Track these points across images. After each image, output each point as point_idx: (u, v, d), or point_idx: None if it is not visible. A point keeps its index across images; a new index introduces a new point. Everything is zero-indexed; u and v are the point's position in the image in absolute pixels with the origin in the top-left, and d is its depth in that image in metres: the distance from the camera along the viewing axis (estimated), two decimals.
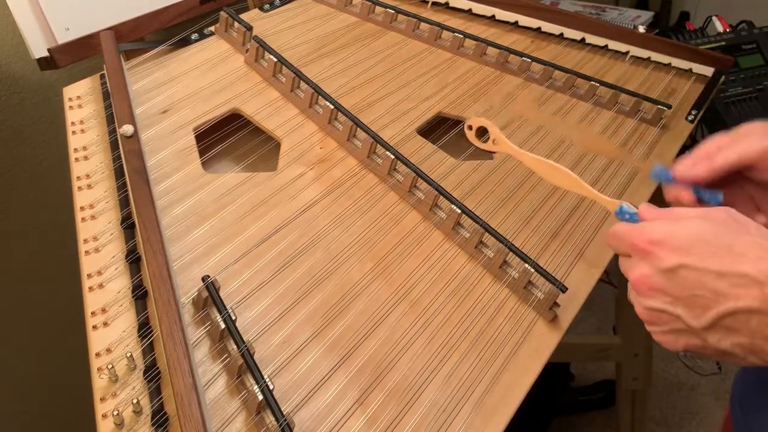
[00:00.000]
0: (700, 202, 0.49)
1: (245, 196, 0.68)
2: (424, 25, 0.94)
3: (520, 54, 0.90)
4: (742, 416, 0.64)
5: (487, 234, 0.64)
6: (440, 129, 0.81)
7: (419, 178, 0.68)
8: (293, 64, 0.79)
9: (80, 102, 0.78)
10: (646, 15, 1.36)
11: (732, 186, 0.51)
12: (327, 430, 0.50)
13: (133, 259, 0.59)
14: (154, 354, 0.52)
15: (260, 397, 0.48)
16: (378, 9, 0.97)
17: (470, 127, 0.61)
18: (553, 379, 1.50)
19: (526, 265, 0.60)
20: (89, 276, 0.58)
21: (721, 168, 0.49)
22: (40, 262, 1.09)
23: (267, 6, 0.98)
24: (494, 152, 0.61)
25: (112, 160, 0.70)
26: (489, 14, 1.01)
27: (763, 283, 0.39)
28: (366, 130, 0.72)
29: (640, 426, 1.32)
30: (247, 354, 0.50)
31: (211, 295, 0.55)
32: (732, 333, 0.41)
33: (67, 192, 0.67)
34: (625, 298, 0.47)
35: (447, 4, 1.02)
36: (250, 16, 0.96)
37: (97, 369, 0.51)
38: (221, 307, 0.53)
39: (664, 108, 0.86)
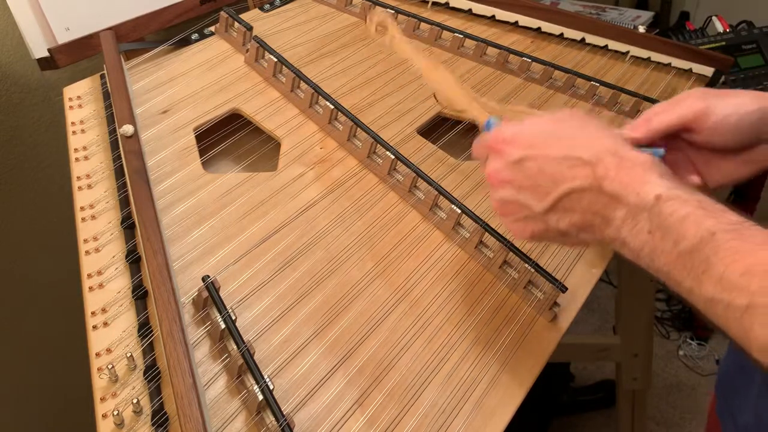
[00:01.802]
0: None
1: (245, 196, 0.68)
2: (424, 25, 0.94)
3: (520, 54, 0.90)
4: (724, 400, 0.64)
5: (487, 234, 0.64)
6: (440, 129, 0.81)
7: (419, 178, 0.68)
8: (293, 64, 0.79)
9: (80, 102, 0.78)
10: (646, 15, 1.36)
11: (673, 151, 0.53)
12: (327, 431, 0.50)
13: (133, 259, 0.59)
14: (154, 354, 0.52)
15: (260, 397, 0.48)
16: (378, 9, 0.97)
17: (371, 20, 0.63)
18: (553, 379, 1.50)
19: (526, 265, 0.60)
20: (89, 276, 0.58)
21: (658, 129, 0.51)
22: (39, 262, 1.09)
23: (267, 6, 0.98)
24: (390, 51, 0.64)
25: (112, 160, 0.70)
26: (489, 14, 1.01)
27: (594, 164, 0.43)
28: (366, 130, 0.72)
29: (640, 426, 1.32)
30: (247, 354, 0.50)
31: (211, 295, 0.55)
32: (568, 212, 0.45)
33: (67, 192, 0.67)
34: (625, 298, 0.48)
35: (447, 4, 1.02)
36: (250, 16, 0.96)
37: (97, 369, 0.51)
38: (221, 307, 0.53)
39: None
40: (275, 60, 0.81)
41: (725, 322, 0.37)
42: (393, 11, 0.95)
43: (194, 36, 0.89)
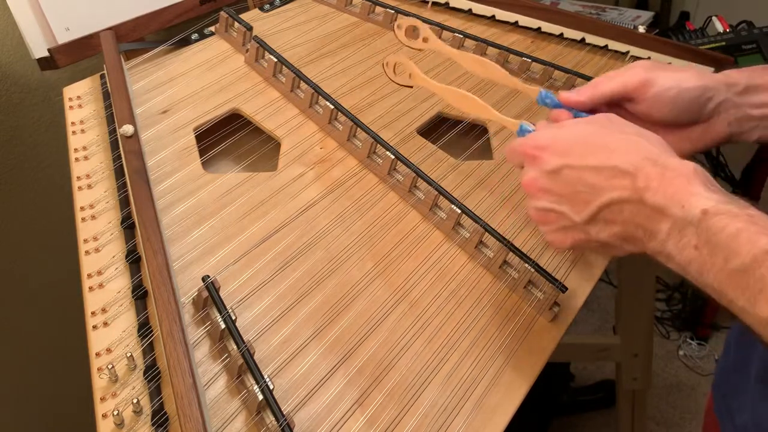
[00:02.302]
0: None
1: (245, 196, 0.68)
2: None
3: (520, 54, 0.90)
4: (722, 399, 0.65)
5: (487, 234, 0.64)
6: (440, 129, 0.81)
7: (419, 178, 0.68)
8: (293, 64, 0.79)
9: (80, 102, 0.78)
10: (646, 15, 1.36)
11: None
12: (327, 430, 0.50)
13: (133, 259, 0.59)
14: (154, 354, 0.52)
15: (260, 397, 0.48)
16: (378, 9, 0.97)
17: (387, 64, 0.64)
18: (553, 379, 1.50)
19: (526, 265, 0.60)
20: (89, 276, 0.58)
21: (602, 95, 0.52)
22: (39, 262, 1.09)
23: (267, 6, 0.98)
24: (411, 86, 0.65)
25: (112, 160, 0.70)
26: (489, 14, 1.01)
27: (633, 174, 0.42)
28: (366, 130, 0.72)
29: (640, 426, 1.32)
30: (247, 354, 0.50)
31: (211, 295, 0.55)
32: (609, 224, 0.44)
33: (67, 192, 0.68)
34: (625, 298, 0.48)
35: (447, 4, 1.02)
36: (250, 16, 0.96)
37: (97, 369, 0.51)
38: (221, 307, 0.53)
39: None
40: (275, 60, 0.81)
41: None
42: (393, 11, 0.95)
43: (194, 36, 0.89)
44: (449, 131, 0.80)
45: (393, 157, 0.70)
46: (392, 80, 0.65)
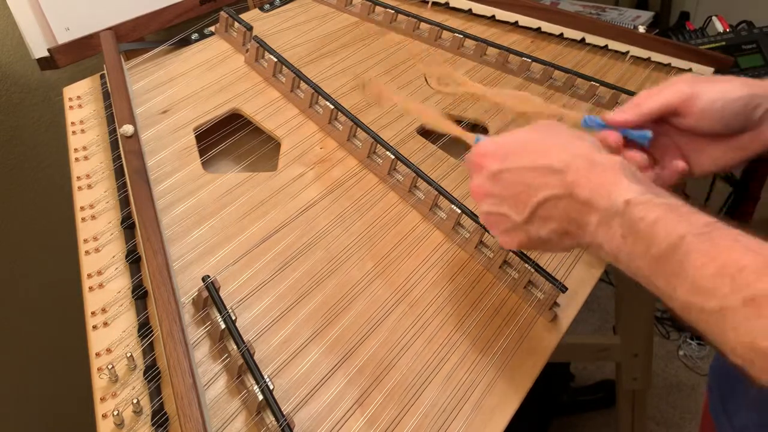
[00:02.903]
0: (627, 141, 0.53)
1: (245, 196, 0.68)
2: (424, 25, 0.94)
3: (520, 54, 0.90)
4: (718, 399, 0.65)
5: (487, 234, 0.64)
6: None
7: (419, 178, 0.68)
8: (293, 64, 0.79)
9: (80, 102, 0.78)
10: (646, 15, 1.36)
11: (660, 136, 0.54)
12: (327, 431, 0.50)
13: (133, 259, 0.59)
14: (154, 354, 0.52)
15: (260, 397, 0.48)
16: (378, 9, 0.97)
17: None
18: (553, 379, 1.50)
19: (526, 265, 0.60)
20: (89, 276, 0.58)
21: (647, 112, 0.52)
22: (39, 262, 1.09)
23: (267, 6, 0.98)
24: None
25: (112, 160, 0.70)
26: (489, 14, 1.01)
27: (563, 171, 0.44)
28: (366, 130, 0.72)
29: (640, 426, 1.32)
30: (247, 354, 0.50)
31: (211, 295, 0.55)
32: (546, 221, 0.46)
33: (67, 192, 0.67)
34: (625, 298, 0.49)
35: (447, 4, 1.02)
36: (250, 16, 0.96)
37: (97, 369, 0.51)
38: (221, 307, 0.53)
39: None
40: (275, 60, 0.81)
41: (701, 326, 0.37)
42: (393, 11, 0.95)
43: (194, 36, 0.89)
44: None
45: (393, 157, 0.70)
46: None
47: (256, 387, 0.49)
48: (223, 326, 0.52)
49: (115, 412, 0.47)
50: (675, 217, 0.38)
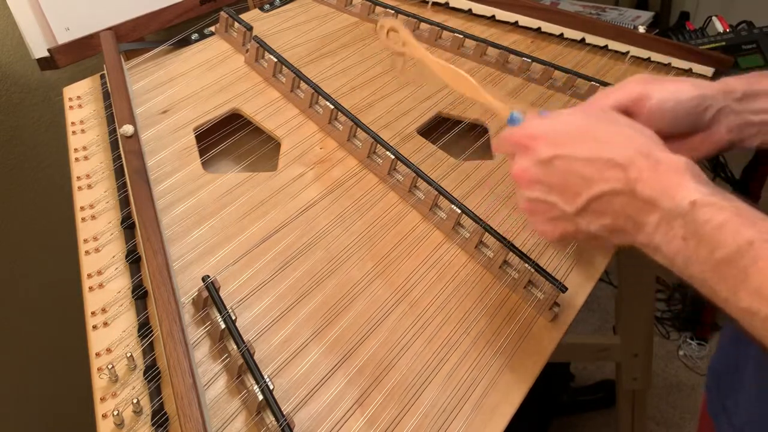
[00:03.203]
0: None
1: (245, 196, 0.68)
2: (424, 25, 0.94)
3: (520, 54, 0.90)
4: (717, 398, 0.65)
5: (487, 234, 0.64)
6: (440, 129, 0.81)
7: (419, 178, 0.68)
8: (293, 64, 0.79)
9: (80, 102, 0.78)
10: (646, 15, 1.36)
11: None
12: (327, 430, 0.50)
13: (133, 259, 0.59)
14: (154, 354, 0.52)
15: (260, 397, 0.48)
16: (378, 9, 0.97)
17: (381, 27, 0.62)
18: (553, 379, 1.50)
19: (526, 265, 0.60)
20: (89, 276, 0.58)
21: None
22: (39, 262, 1.09)
23: (267, 6, 0.98)
24: (402, 54, 0.62)
25: (112, 160, 0.70)
26: (489, 14, 1.01)
27: (625, 166, 0.42)
28: (366, 130, 0.72)
29: (640, 426, 1.32)
30: (247, 354, 0.50)
31: (211, 295, 0.55)
32: (599, 215, 0.44)
33: (67, 192, 0.67)
34: (625, 298, 0.48)
35: (447, 4, 1.02)
36: (250, 16, 0.96)
37: (97, 369, 0.51)
38: (221, 307, 0.53)
39: None
40: (275, 60, 0.81)
41: (761, 333, 0.36)
42: (393, 11, 0.95)
43: (194, 36, 0.89)
44: (449, 131, 0.80)
45: (393, 157, 0.70)
46: (385, 45, 0.63)
47: (256, 387, 0.49)
48: (223, 326, 0.53)
49: (115, 412, 0.47)
50: (742, 222, 0.37)
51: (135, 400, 0.48)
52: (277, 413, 0.47)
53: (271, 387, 0.49)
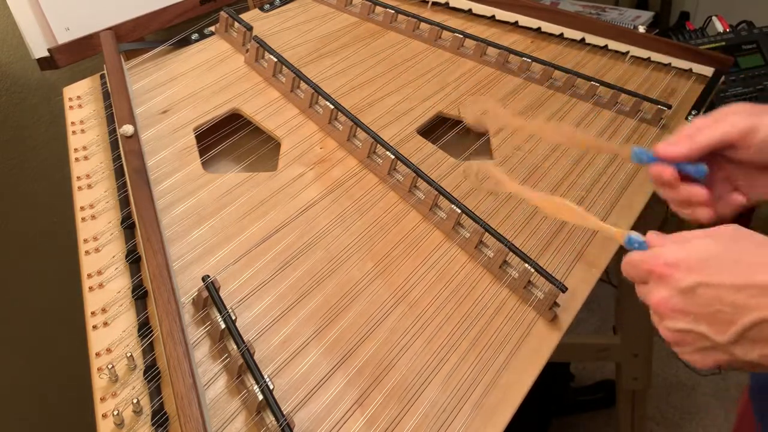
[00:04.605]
0: (683, 176, 0.50)
1: (245, 196, 0.68)
2: (424, 25, 0.94)
3: (520, 54, 0.90)
4: (760, 402, 0.63)
5: (487, 234, 0.64)
6: (440, 129, 0.81)
7: (419, 178, 0.68)
8: (293, 64, 0.79)
9: (80, 102, 0.78)
10: (646, 15, 1.36)
11: (711, 166, 0.51)
12: (327, 430, 0.50)
13: (133, 259, 0.59)
14: (154, 354, 0.52)
15: (260, 397, 0.48)
16: (378, 9, 0.97)
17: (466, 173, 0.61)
18: (553, 379, 1.50)
19: (526, 265, 0.60)
20: (89, 276, 0.58)
21: (703, 146, 0.49)
22: (40, 262, 1.09)
23: (267, 6, 0.98)
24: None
25: (112, 160, 0.70)
26: (489, 14, 1.01)
27: None
28: (366, 130, 0.72)
29: (640, 426, 1.32)
30: (247, 354, 0.50)
31: (211, 295, 0.55)
32: (758, 344, 0.41)
33: (67, 192, 0.67)
34: (625, 298, 0.47)
35: (447, 4, 1.02)
36: (250, 16, 0.96)
37: (97, 369, 0.51)
38: (221, 307, 0.53)
39: (664, 108, 0.86)
40: (275, 60, 0.81)
41: None
42: (393, 11, 0.95)
43: (194, 36, 0.89)
44: (449, 131, 0.80)
45: (393, 157, 0.70)
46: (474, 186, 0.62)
47: (256, 387, 0.49)
48: (223, 326, 0.52)
49: (115, 412, 0.47)
50: None
51: (135, 400, 0.48)
52: (277, 413, 0.47)
53: (271, 387, 0.49)
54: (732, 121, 0.49)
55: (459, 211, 0.65)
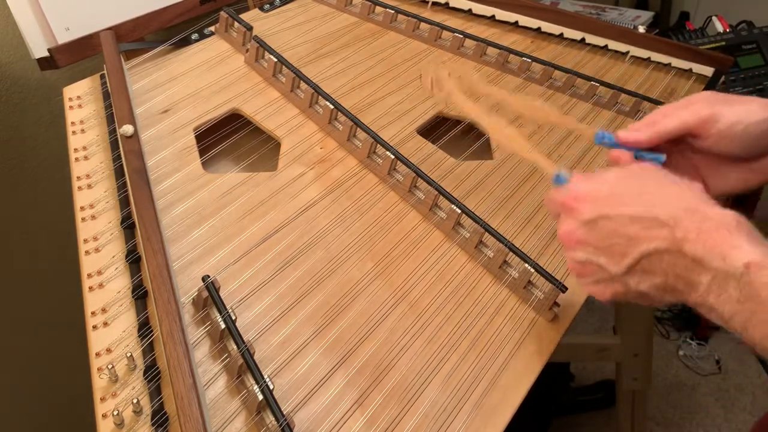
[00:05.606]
0: (640, 162, 0.51)
1: (245, 196, 0.68)
2: (424, 25, 0.94)
3: (520, 54, 0.90)
4: None
5: (487, 234, 0.64)
6: (440, 129, 0.81)
7: (419, 178, 0.68)
8: (293, 64, 0.79)
9: (80, 102, 0.78)
10: (646, 15, 1.36)
11: (676, 155, 0.52)
12: (327, 430, 0.50)
13: (133, 259, 0.59)
14: (154, 354, 0.52)
15: (260, 397, 0.48)
16: (378, 9, 0.97)
17: (424, 76, 0.60)
18: (553, 379, 1.50)
19: (526, 265, 0.60)
20: (89, 276, 0.58)
21: (663, 133, 0.50)
22: (40, 262, 1.09)
23: (267, 6, 0.98)
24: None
25: (112, 160, 0.70)
26: (489, 14, 1.01)
27: (671, 224, 0.41)
28: (366, 130, 0.72)
29: (640, 426, 1.32)
30: (247, 354, 0.50)
31: (211, 295, 0.55)
32: (648, 274, 0.43)
33: (67, 192, 0.67)
34: None
35: (447, 4, 1.02)
36: (250, 16, 0.96)
37: (97, 369, 0.51)
38: (221, 307, 0.53)
39: None
40: (275, 60, 0.81)
41: None
42: (393, 11, 0.95)
43: (194, 36, 0.89)
44: (449, 131, 0.80)
45: (393, 157, 0.70)
46: (427, 91, 0.61)
47: (256, 387, 0.49)
48: (223, 326, 0.53)
49: (115, 412, 0.47)
50: None
51: (135, 400, 0.48)
52: (277, 413, 0.47)
53: (271, 387, 0.49)
54: (694, 109, 0.49)
55: (459, 211, 0.65)
